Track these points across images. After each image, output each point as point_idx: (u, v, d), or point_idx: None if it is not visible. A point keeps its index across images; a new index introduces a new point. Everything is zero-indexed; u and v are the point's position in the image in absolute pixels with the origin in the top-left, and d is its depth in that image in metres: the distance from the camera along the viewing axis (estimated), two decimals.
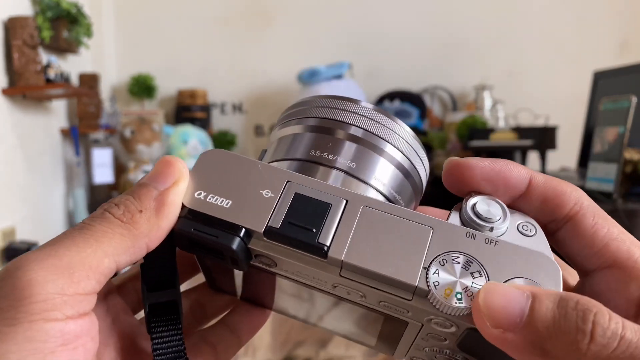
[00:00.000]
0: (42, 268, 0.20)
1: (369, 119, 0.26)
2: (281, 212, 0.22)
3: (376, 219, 0.22)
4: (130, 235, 0.22)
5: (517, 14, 2.82)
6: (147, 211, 0.22)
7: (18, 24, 1.83)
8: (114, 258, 0.21)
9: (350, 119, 0.26)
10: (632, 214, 1.25)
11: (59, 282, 0.20)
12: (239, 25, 2.77)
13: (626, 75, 1.85)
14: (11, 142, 1.87)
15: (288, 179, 0.23)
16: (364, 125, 0.26)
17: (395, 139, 0.26)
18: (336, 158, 0.25)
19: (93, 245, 0.21)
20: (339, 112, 0.26)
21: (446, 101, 2.84)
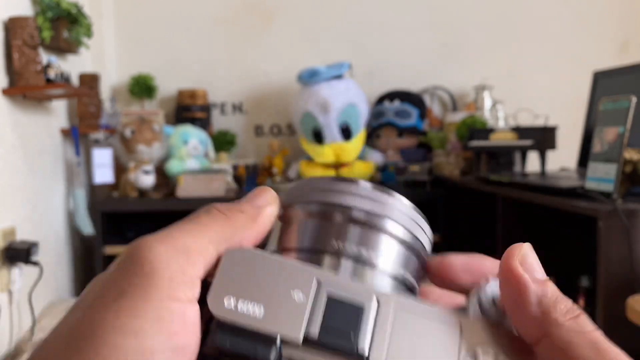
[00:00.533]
0: (165, 248, 0.21)
1: (368, 199, 0.26)
2: (316, 318, 0.22)
3: (408, 320, 0.23)
4: (230, 226, 0.24)
5: (517, 14, 2.83)
6: (246, 213, 0.25)
7: (18, 24, 1.83)
8: (216, 246, 0.23)
9: (350, 202, 0.26)
10: (632, 214, 1.25)
11: (180, 262, 0.21)
12: (239, 25, 2.78)
13: (626, 75, 1.85)
14: (11, 142, 1.87)
15: (316, 276, 0.23)
16: (364, 207, 0.26)
17: (395, 213, 0.26)
18: (344, 245, 0.25)
19: (202, 231, 0.23)
20: (338, 194, 0.26)
21: (446, 101, 2.84)
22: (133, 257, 0.21)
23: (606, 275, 1.26)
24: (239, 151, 2.78)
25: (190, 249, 0.22)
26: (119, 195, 2.39)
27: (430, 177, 2.39)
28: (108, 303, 0.20)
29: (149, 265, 0.21)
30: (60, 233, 2.24)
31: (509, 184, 1.81)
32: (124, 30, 2.75)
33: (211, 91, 2.74)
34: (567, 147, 2.21)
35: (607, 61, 2.27)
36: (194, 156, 2.43)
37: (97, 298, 0.21)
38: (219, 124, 2.77)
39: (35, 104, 2.04)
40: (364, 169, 2.55)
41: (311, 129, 2.54)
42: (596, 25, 2.83)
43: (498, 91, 2.64)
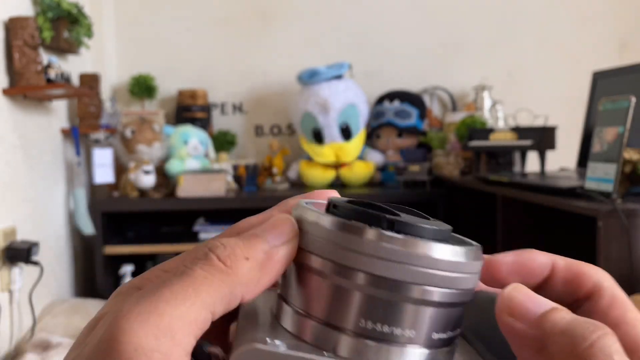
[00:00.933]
0: (146, 332, 0.19)
1: (393, 262, 0.21)
2: None
3: None
4: (230, 281, 0.20)
5: (517, 14, 2.83)
6: (253, 261, 0.21)
7: (19, 25, 1.83)
8: (210, 309, 0.20)
9: (372, 268, 0.20)
10: (631, 214, 1.25)
11: (163, 347, 0.19)
12: (240, 25, 2.78)
13: (625, 76, 1.86)
14: (12, 142, 1.87)
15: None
16: (389, 274, 0.20)
17: (430, 276, 0.21)
18: (365, 323, 0.21)
19: (192, 297, 0.20)
20: (357, 255, 0.21)
21: (446, 101, 2.84)
22: (111, 344, 0.19)
23: None
24: (239, 151, 2.78)
25: (176, 327, 0.19)
26: (119, 195, 2.39)
27: (430, 177, 2.39)
28: None
29: (127, 356, 0.18)
30: (60, 233, 2.24)
31: (509, 184, 1.82)
32: (124, 31, 2.75)
33: (211, 91, 2.74)
34: (566, 147, 2.21)
35: (606, 61, 2.27)
36: (194, 156, 2.43)
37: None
38: (219, 124, 2.77)
39: (36, 104, 2.05)
40: (363, 169, 2.55)
41: (311, 129, 2.54)
42: (595, 26, 2.83)
43: (497, 91, 2.65)
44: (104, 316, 0.21)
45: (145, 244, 2.35)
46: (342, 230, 0.21)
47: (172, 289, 0.20)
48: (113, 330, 0.19)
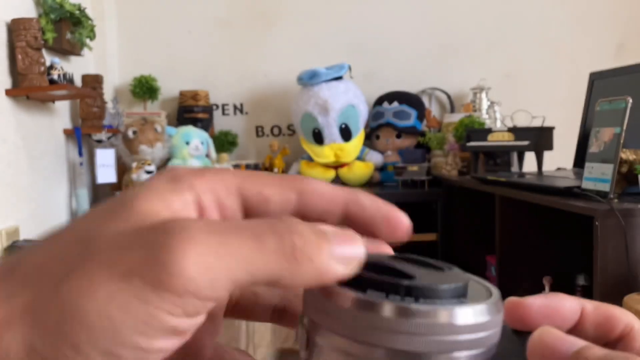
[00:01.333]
0: (198, 262, 0.18)
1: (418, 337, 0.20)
2: None
3: None
4: (287, 263, 0.19)
5: (514, 16, 2.84)
6: (310, 259, 0.20)
7: (22, 26, 1.83)
8: (251, 272, 0.19)
9: (395, 343, 0.20)
10: (628, 214, 1.26)
11: (205, 287, 0.18)
12: (241, 27, 2.79)
13: (622, 77, 1.87)
14: (15, 142, 1.88)
15: None
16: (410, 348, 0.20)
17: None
18: None
19: (254, 260, 0.19)
20: (378, 332, 0.20)
21: (444, 102, 2.86)
22: (165, 268, 0.18)
23: (602, 274, 1.27)
24: (240, 151, 2.79)
25: (221, 276, 0.18)
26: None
27: (428, 177, 2.40)
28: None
29: (174, 282, 0.18)
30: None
31: (507, 184, 1.82)
32: (126, 32, 2.76)
33: (213, 92, 2.75)
34: (563, 148, 2.22)
35: (603, 63, 2.28)
36: (195, 156, 2.44)
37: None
38: (220, 124, 2.79)
39: (39, 105, 2.05)
40: (363, 169, 2.57)
41: (311, 130, 2.56)
42: (592, 28, 2.85)
43: (495, 92, 2.66)
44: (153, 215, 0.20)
45: None
46: (358, 308, 0.20)
47: (242, 242, 0.19)
48: (172, 255, 0.18)
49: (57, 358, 0.18)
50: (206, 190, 0.21)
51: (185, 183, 0.21)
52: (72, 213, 2.33)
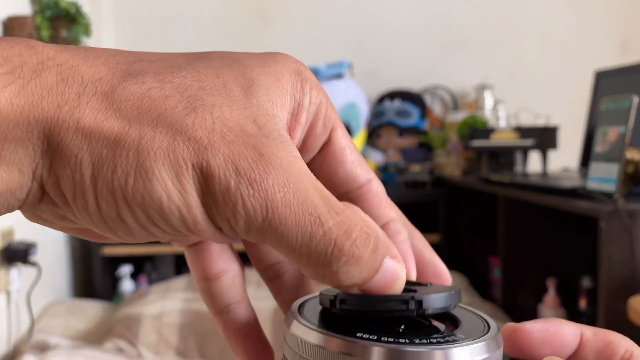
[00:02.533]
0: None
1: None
2: None
3: None
4: (337, 261, 0.20)
5: (518, 13, 2.83)
6: (367, 260, 0.20)
7: (17, 24, 1.83)
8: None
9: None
10: (634, 215, 1.25)
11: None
12: (238, 24, 2.78)
13: (628, 75, 1.85)
14: None
15: None
16: None
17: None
18: None
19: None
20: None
21: (447, 101, 2.84)
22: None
23: (608, 276, 1.26)
24: None
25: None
26: None
27: (431, 177, 2.38)
28: None
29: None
30: (58, 234, 2.23)
31: (510, 184, 1.81)
32: (123, 30, 2.76)
33: None
34: (568, 147, 2.21)
35: (608, 61, 2.26)
36: None
37: None
38: None
39: None
40: None
41: None
42: (598, 25, 2.83)
43: (499, 91, 2.64)
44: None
45: (143, 244, 2.34)
46: (345, 352, 0.19)
47: (323, 199, 0.20)
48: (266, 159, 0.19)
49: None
50: (315, 112, 0.24)
51: (309, 93, 0.23)
52: None
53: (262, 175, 0.19)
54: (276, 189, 0.19)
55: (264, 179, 0.19)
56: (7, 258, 1.77)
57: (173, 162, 0.19)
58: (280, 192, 0.19)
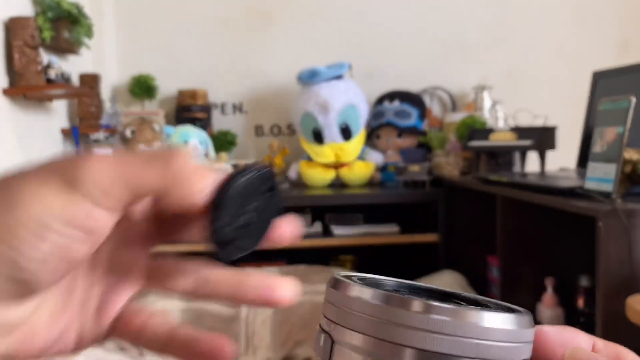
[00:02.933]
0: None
1: (441, 336, 0.20)
2: None
3: None
4: (167, 182, 0.25)
5: (517, 14, 2.83)
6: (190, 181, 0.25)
7: (19, 25, 1.83)
8: (141, 182, 0.24)
9: (419, 343, 0.20)
10: (631, 214, 1.25)
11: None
12: (240, 25, 2.78)
13: (626, 76, 1.86)
14: (12, 142, 1.88)
15: None
16: (437, 349, 0.20)
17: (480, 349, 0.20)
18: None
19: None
20: (403, 330, 0.20)
21: (445, 101, 2.85)
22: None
23: (606, 275, 1.26)
24: (239, 151, 2.78)
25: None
26: None
27: (429, 177, 2.39)
28: None
29: None
30: None
31: (509, 184, 1.82)
32: (124, 31, 2.75)
33: (211, 91, 2.75)
34: (566, 148, 2.21)
35: (606, 61, 2.27)
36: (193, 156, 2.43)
37: None
38: (219, 124, 2.78)
39: (36, 104, 2.05)
40: (363, 169, 2.56)
41: (311, 129, 2.55)
42: (596, 26, 2.84)
43: (497, 91, 2.65)
44: None
45: None
46: (388, 303, 0.19)
47: (134, 161, 0.24)
48: (82, 164, 0.24)
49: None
50: None
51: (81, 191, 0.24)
52: None
53: None
54: None
55: None
56: None
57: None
58: None
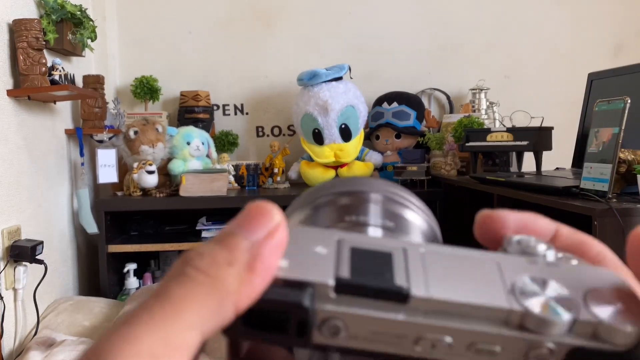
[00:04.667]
0: (125, 357, 0.16)
1: (389, 189, 0.27)
2: (344, 265, 0.19)
3: (442, 258, 0.21)
4: (217, 294, 0.18)
5: (513, 17, 2.85)
6: (238, 264, 0.18)
7: (23, 27, 1.84)
8: (198, 329, 0.17)
9: (372, 188, 0.27)
10: (626, 213, 1.26)
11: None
12: (241, 28, 2.80)
13: (620, 77, 1.87)
14: (17, 142, 1.89)
15: (337, 237, 0.21)
16: (386, 193, 0.27)
17: (416, 206, 0.27)
18: (373, 219, 0.25)
19: (172, 318, 0.17)
20: (359, 185, 0.27)
21: (443, 103, 2.87)
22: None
23: None
24: (240, 151, 2.80)
25: (158, 351, 0.16)
26: (123, 194, 2.41)
27: (427, 177, 2.41)
28: None
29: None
30: (64, 232, 2.26)
31: (505, 184, 1.83)
32: (127, 33, 2.77)
33: (213, 93, 2.76)
34: (562, 148, 2.23)
35: (601, 63, 2.29)
36: (196, 157, 2.45)
37: None
38: (221, 125, 2.79)
39: (40, 106, 2.06)
40: (362, 169, 2.57)
41: (311, 130, 2.56)
42: (591, 28, 2.86)
43: (494, 93, 2.67)
44: None
45: (148, 242, 2.37)
46: (347, 178, 0.29)
47: (152, 313, 0.17)
48: (90, 356, 0.17)
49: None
50: None
51: None
52: (74, 212, 2.33)
53: None
54: None
55: None
56: (13, 256, 1.78)
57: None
58: None
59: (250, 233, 0.19)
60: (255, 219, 0.19)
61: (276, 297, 0.19)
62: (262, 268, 0.18)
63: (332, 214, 0.25)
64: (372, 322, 0.19)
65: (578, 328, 0.18)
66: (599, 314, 0.18)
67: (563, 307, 0.19)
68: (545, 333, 0.18)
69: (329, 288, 0.19)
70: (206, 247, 0.19)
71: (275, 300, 0.19)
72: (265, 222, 0.19)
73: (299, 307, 0.18)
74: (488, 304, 0.19)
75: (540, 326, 0.18)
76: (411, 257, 0.20)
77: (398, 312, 0.19)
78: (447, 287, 0.19)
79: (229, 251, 0.18)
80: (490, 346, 0.19)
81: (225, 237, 0.19)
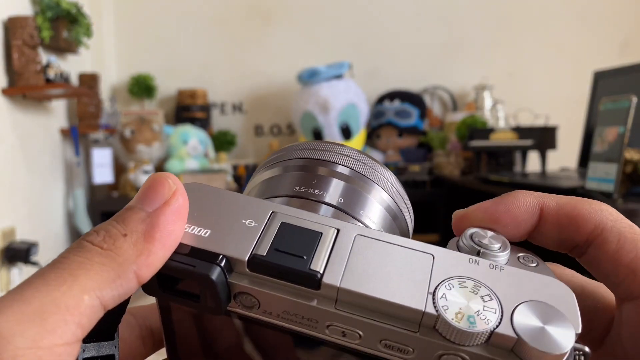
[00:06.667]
0: (7, 317, 0.16)
1: (354, 160, 0.26)
2: (266, 241, 0.20)
3: (372, 246, 0.20)
4: (113, 263, 0.18)
5: (517, 14, 2.83)
6: (133, 234, 0.18)
7: (18, 24, 1.83)
8: (95, 293, 0.17)
9: (336, 159, 0.26)
10: (632, 214, 1.25)
11: (29, 332, 0.16)
12: (239, 25, 2.78)
13: (626, 75, 1.86)
14: (11, 142, 1.88)
15: (273, 209, 0.21)
16: (350, 165, 0.26)
17: (381, 180, 0.26)
18: (323, 193, 0.24)
19: (68, 281, 0.17)
20: (323, 152, 0.26)
21: (446, 101, 2.84)
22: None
23: None
24: (238, 151, 2.78)
25: (48, 311, 0.16)
26: (119, 195, 2.39)
27: (430, 177, 2.39)
28: None
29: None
30: (59, 233, 2.24)
31: (510, 184, 1.82)
32: (123, 30, 2.75)
33: (211, 91, 2.74)
34: (567, 147, 2.21)
35: (607, 61, 2.27)
36: (193, 156, 2.43)
37: None
38: (219, 123, 2.78)
39: (35, 104, 2.05)
40: None
41: (311, 129, 2.54)
42: (596, 26, 2.83)
43: (498, 91, 2.64)
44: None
45: None
46: (316, 141, 0.28)
47: (45, 277, 0.17)
48: None
49: None
50: None
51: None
52: (69, 213, 2.32)
53: None
54: None
55: None
56: (8, 257, 1.77)
57: None
58: None
59: (147, 204, 0.19)
60: (150, 189, 0.20)
61: (184, 267, 0.19)
62: (160, 236, 0.19)
63: (291, 180, 0.25)
64: (284, 302, 0.19)
65: (496, 341, 0.18)
66: (521, 331, 0.18)
67: (482, 318, 0.18)
68: (457, 342, 0.18)
69: (243, 264, 0.19)
70: (103, 224, 0.19)
71: (183, 270, 0.19)
72: (161, 191, 0.20)
73: (205, 279, 0.19)
74: (401, 303, 0.18)
75: (451, 334, 0.18)
76: (340, 241, 0.20)
77: (309, 297, 0.19)
78: (364, 279, 0.19)
79: (123, 224, 0.19)
80: (401, 345, 0.19)
81: (123, 212, 0.20)
